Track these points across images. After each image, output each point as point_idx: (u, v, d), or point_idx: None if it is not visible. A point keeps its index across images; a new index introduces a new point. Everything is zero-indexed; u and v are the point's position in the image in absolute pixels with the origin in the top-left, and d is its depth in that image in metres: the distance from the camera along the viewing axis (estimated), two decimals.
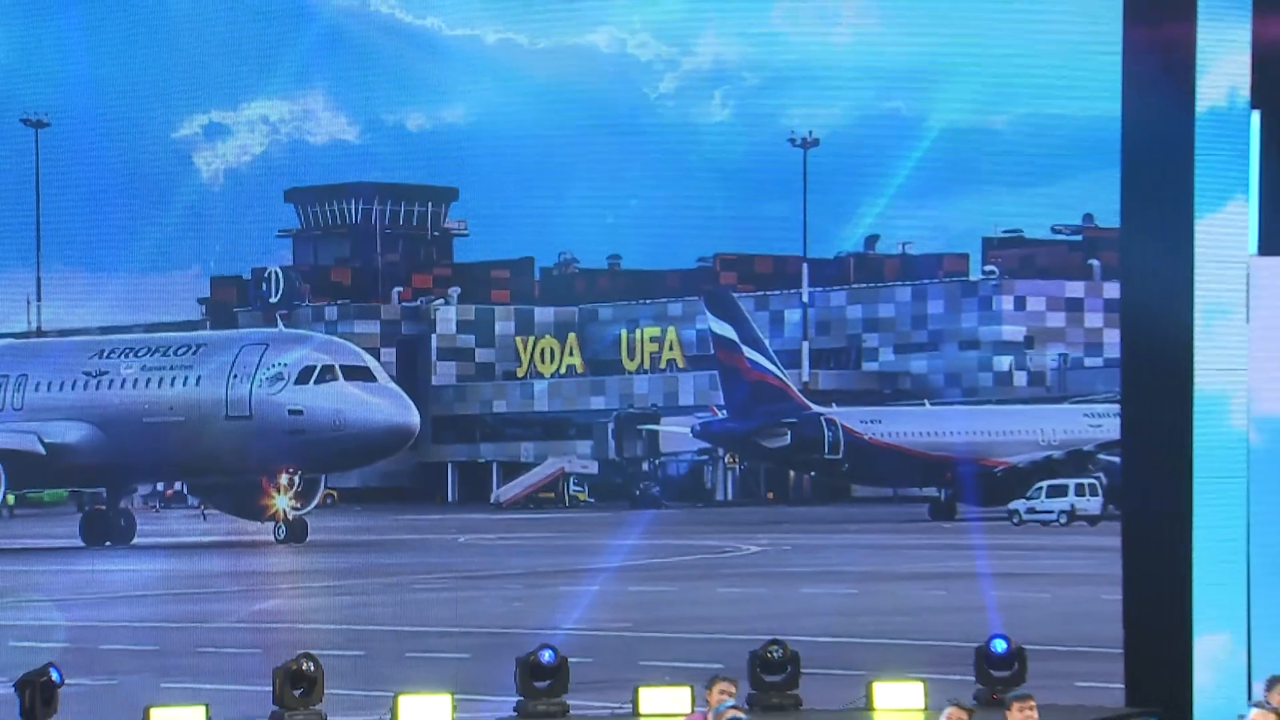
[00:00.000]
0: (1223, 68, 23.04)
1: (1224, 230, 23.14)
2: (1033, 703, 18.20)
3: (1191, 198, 23.19)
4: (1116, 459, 24.59)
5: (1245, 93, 22.94)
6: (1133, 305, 24.94)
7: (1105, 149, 24.41)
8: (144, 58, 30.03)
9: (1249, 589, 22.66)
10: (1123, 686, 23.86)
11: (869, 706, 23.82)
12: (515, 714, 23.69)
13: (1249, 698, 19.34)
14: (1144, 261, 24.38)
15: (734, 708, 17.98)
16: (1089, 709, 23.49)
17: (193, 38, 30.31)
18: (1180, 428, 23.30)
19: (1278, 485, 22.73)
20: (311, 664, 23.18)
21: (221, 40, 30.21)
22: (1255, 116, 22.86)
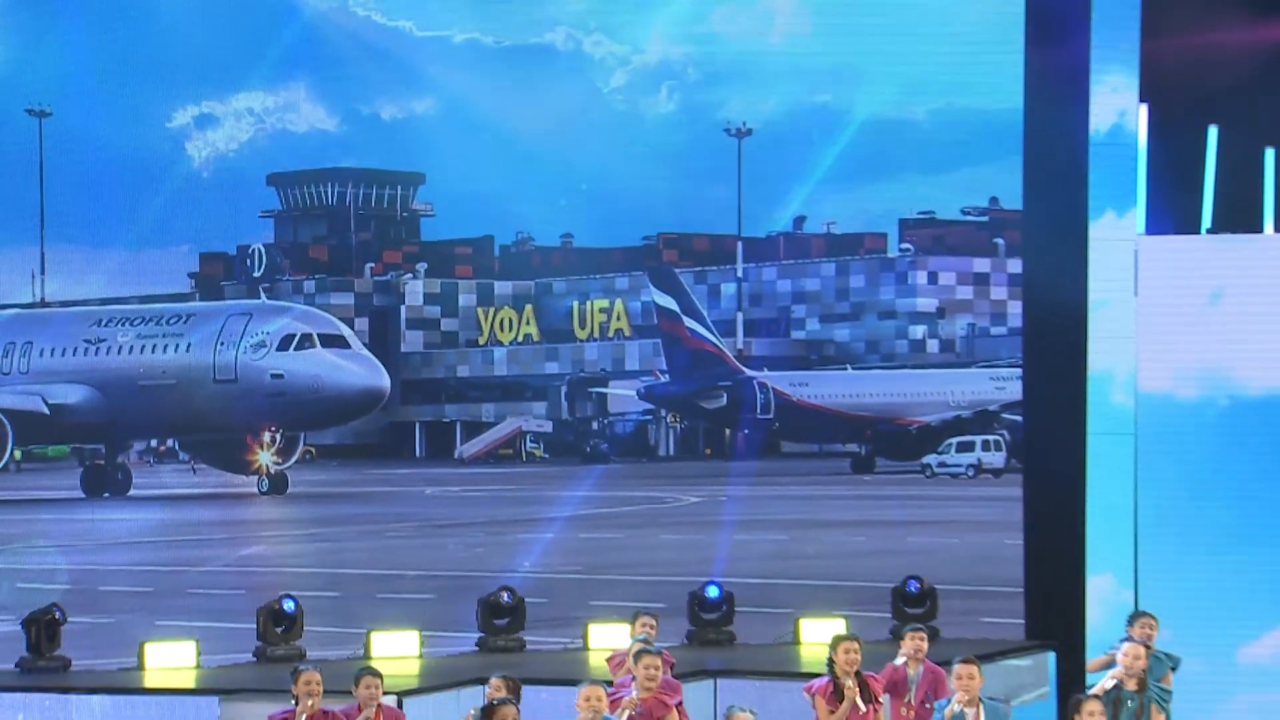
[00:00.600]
0: (1114, 67, 23.17)
1: (1113, 212, 23.29)
2: (924, 634, 18.23)
3: (1086, 183, 23.33)
4: (1018, 418, 24.67)
5: (1135, 88, 23.08)
6: (1033, 280, 25.09)
7: (1009, 138, 24.56)
8: (140, 54, 30.02)
9: (1135, 536, 22.82)
10: (1023, 622, 23.98)
11: (796, 641, 23.91)
12: (477, 649, 23.73)
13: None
14: (1043, 241, 24.51)
15: (645, 640, 18.02)
16: (993, 642, 23.56)
17: (185, 36, 30.27)
18: (1075, 391, 23.45)
19: (1160, 444, 22.88)
20: (292, 604, 23.23)
21: (212, 38, 30.20)
22: (1143, 110, 22.98)
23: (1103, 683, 17.27)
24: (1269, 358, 22.42)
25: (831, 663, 17.33)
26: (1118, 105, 23.17)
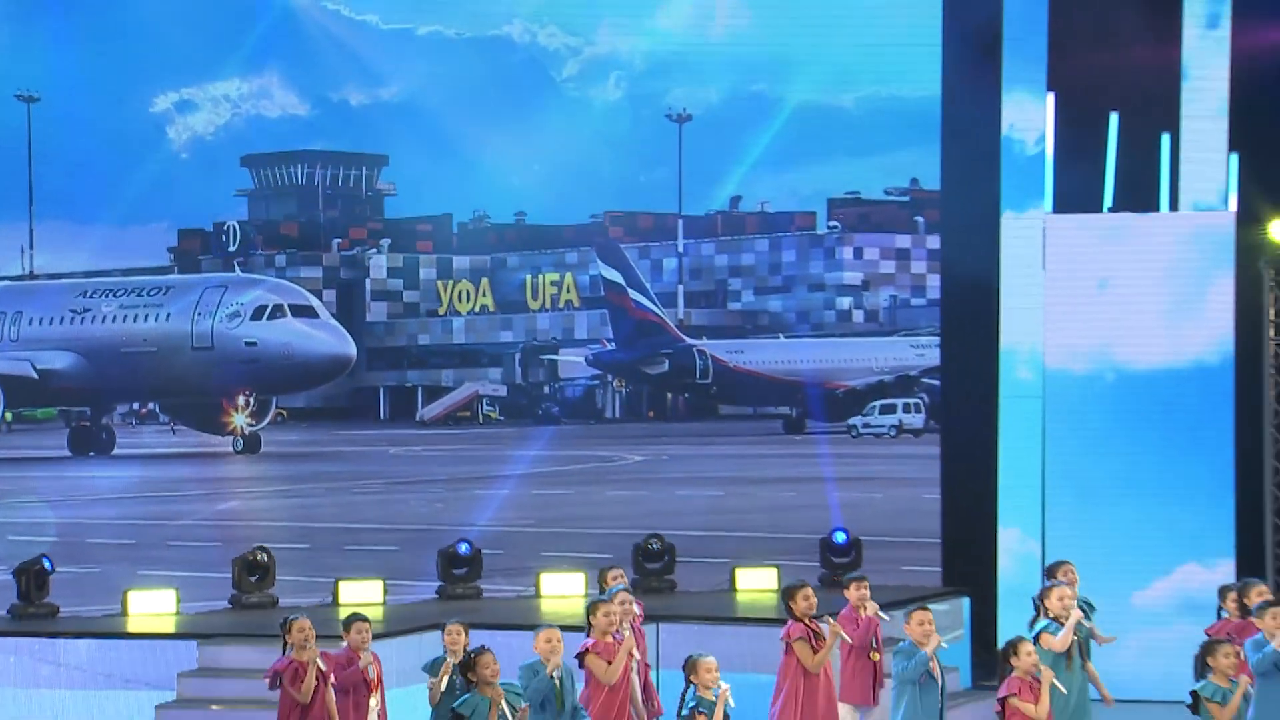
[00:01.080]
0: (1024, 60, 23.24)
1: (1024, 192, 23.36)
2: (866, 583, 18.36)
3: (998, 168, 23.39)
4: (937, 383, 24.67)
5: (1043, 80, 23.15)
6: (950, 257, 25.15)
7: (928, 125, 24.59)
8: (124, 44, 29.88)
9: (1041, 492, 22.94)
10: (940, 570, 24.10)
11: (732, 589, 23.98)
12: (437, 596, 23.76)
13: (1042, 579, 19.63)
14: (959, 221, 24.59)
15: (625, 589, 18.08)
16: (912, 588, 23.65)
17: (167, 27, 30.13)
18: (987, 359, 23.54)
19: (1066, 407, 23.00)
20: (265, 555, 23.21)
21: (192, 28, 30.08)
22: (1050, 98, 23.06)
23: (1063, 634, 17.32)
24: (1151, 336, 22.61)
25: (790, 610, 17.42)
26: (1027, 95, 23.26)
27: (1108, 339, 22.76)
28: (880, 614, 17.82)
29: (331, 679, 16.47)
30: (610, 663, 16.32)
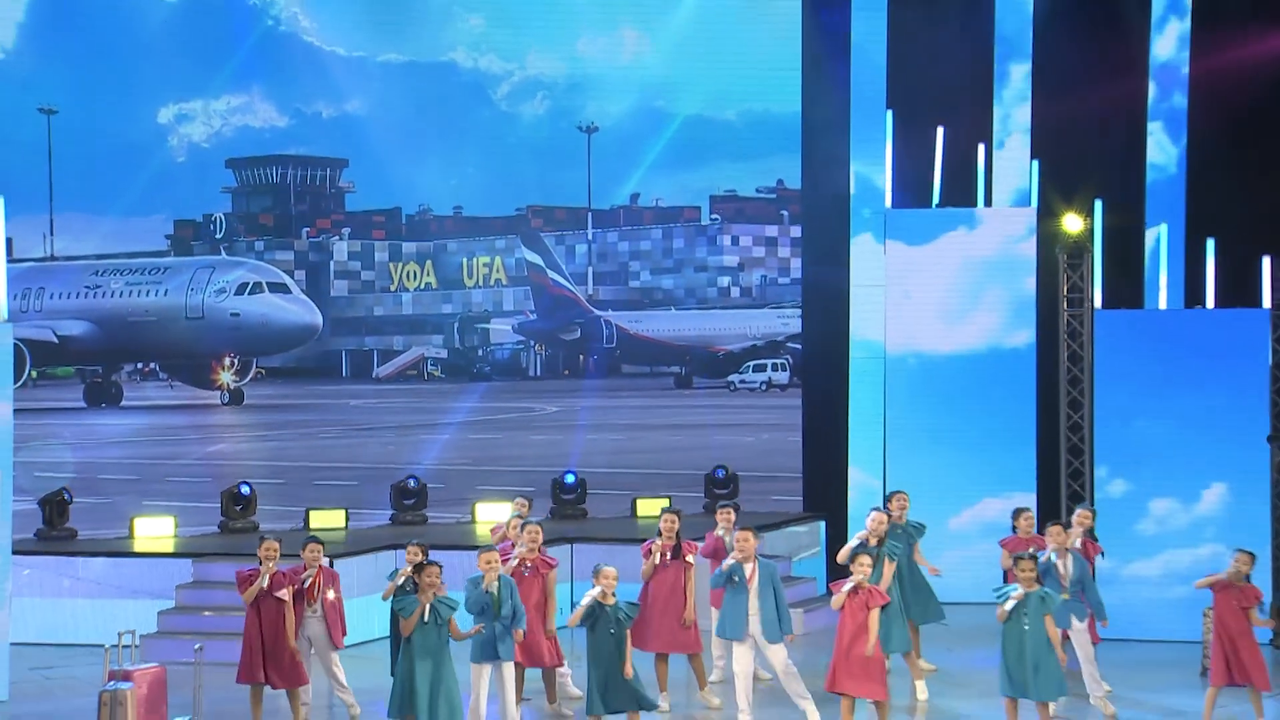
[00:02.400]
0: (867, 82, 23.35)
1: (868, 191, 23.50)
2: (730, 508, 18.37)
3: (848, 170, 23.52)
4: (799, 347, 24.93)
5: (883, 98, 23.26)
6: (810, 242, 25.32)
7: (792, 135, 24.64)
8: (130, 65, 29.74)
9: (883, 437, 23.09)
10: (801, 499, 24.27)
11: (633, 515, 24.09)
12: (390, 522, 23.79)
13: (884, 507, 19.76)
14: (816, 213, 24.71)
15: (520, 515, 18.16)
16: (779, 514, 23.78)
17: (168, 52, 30.01)
18: (840, 325, 23.71)
19: (902, 370, 23.15)
20: (247, 488, 23.18)
21: (190, 53, 29.97)
22: (890, 114, 23.18)
23: (851, 542, 17.54)
24: (969, 309, 22.78)
25: (660, 531, 17.52)
26: (869, 112, 23.38)
27: (936, 310, 22.92)
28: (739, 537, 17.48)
29: (285, 591, 16.45)
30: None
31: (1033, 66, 22.65)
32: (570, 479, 24.45)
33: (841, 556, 16.82)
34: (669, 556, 17.26)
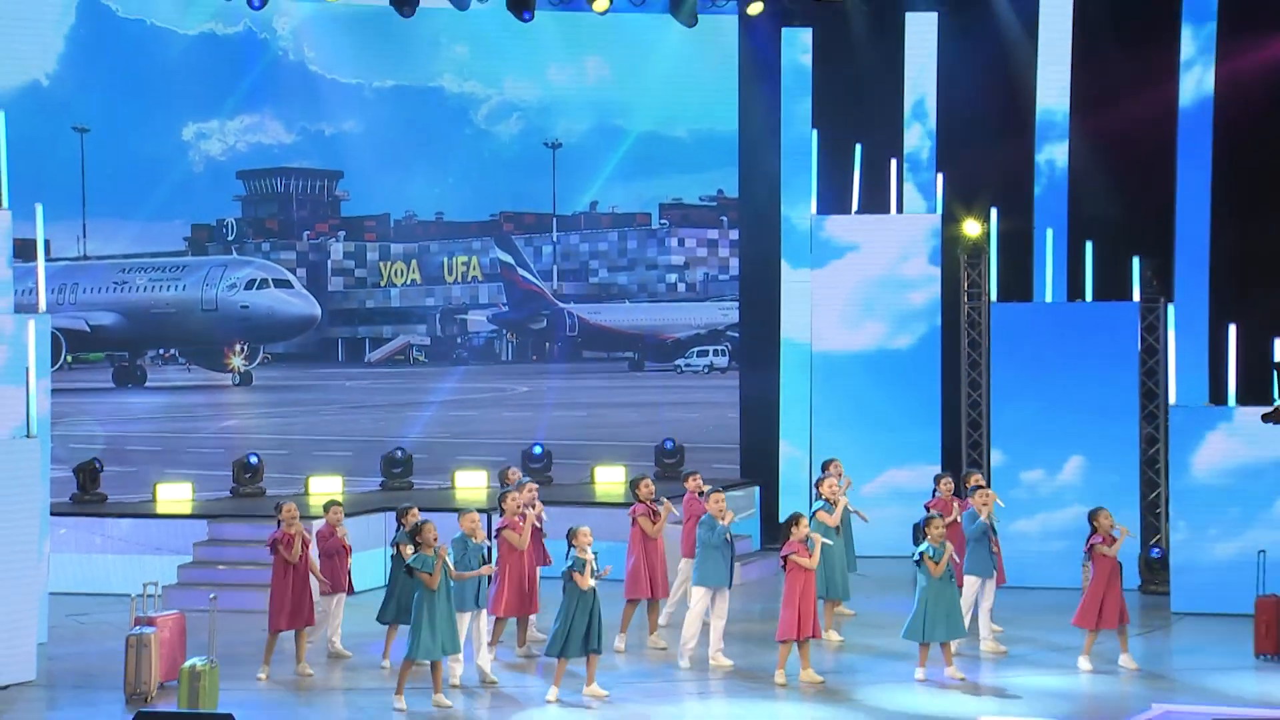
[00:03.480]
0: (795, 107, 23.38)
1: (797, 198, 23.56)
2: (699, 475, 18.52)
3: (779, 181, 23.59)
4: (737, 335, 24.90)
5: (809, 118, 23.31)
6: (746, 243, 25.40)
7: (731, 150, 24.72)
8: (157, 89, 29.62)
9: (810, 414, 23.15)
10: (739, 467, 24.33)
11: (592, 481, 24.18)
12: (380, 488, 23.82)
13: (811, 475, 19.81)
14: (751, 218, 24.80)
15: (529, 480, 18.25)
16: (720, 480, 23.80)
17: (188, 77, 29.91)
18: (772, 315, 23.80)
19: (826, 355, 23.21)
20: (255, 458, 23.18)
21: (206, 79, 29.89)
22: (815, 134, 23.24)
23: (817, 503, 17.61)
24: (885, 301, 22.84)
25: (636, 495, 17.61)
26: (798, 131, 23.44)
27: (854, 303, 23.01)
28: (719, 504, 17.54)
29: (314, 546, 16.51)
30: (519, 534, 16.49)
31: (937, 91, 22.74)
32: (538, 450, 24.56)
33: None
34: (648, 515, 17.37)
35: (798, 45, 23.09)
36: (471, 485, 23.57)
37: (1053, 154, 21.74)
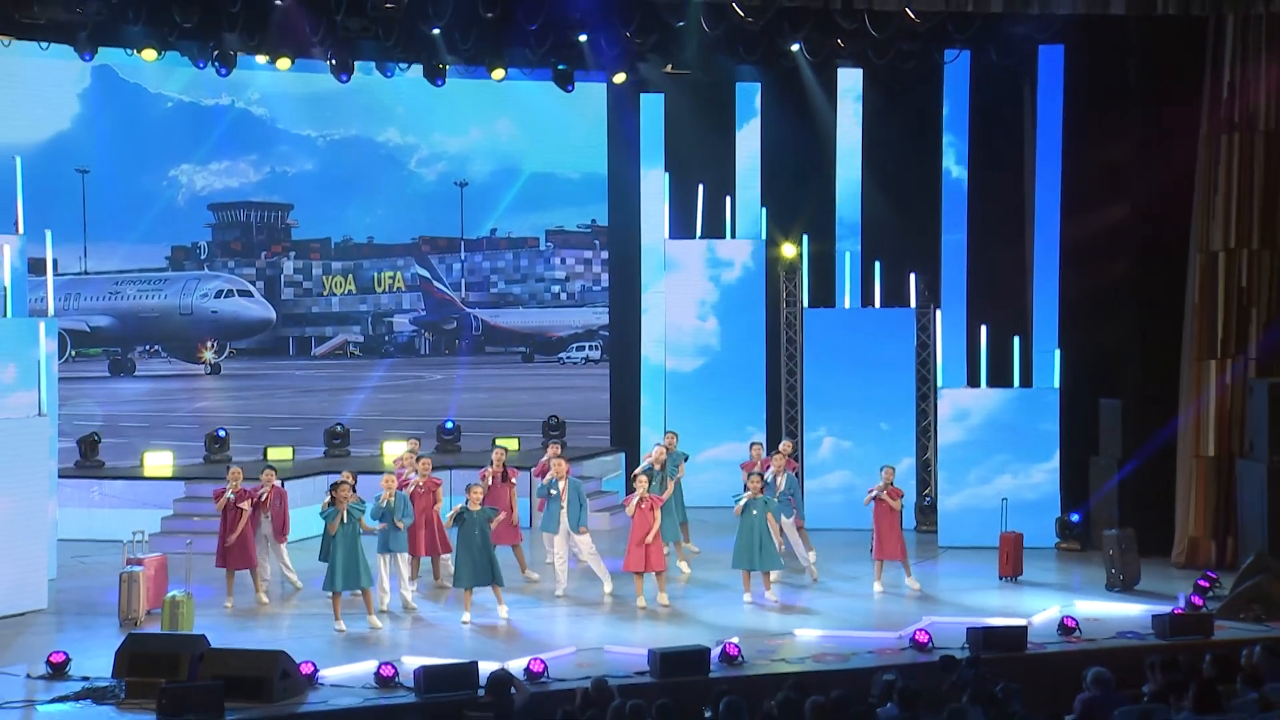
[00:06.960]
0: (651, 156, 23.41)
1: (653, 225, 23.60)
2: (558, 444, 18.49)
3: (639, 211, 23.63)
4: (607, 333, 25.00)
5: (661, 161, 23.32)
6: (614, 261, 25.39)
7: (603, 187, 24.72)
8: (145, 137, 29.19)
9: (664, 393, 23.15)
10: (608, 438, 24.37)
11: (492, 449, 23.98)
12: (323, 456, 23.54)
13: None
14: (618, 242, 24.79)
15: (412, 451, 18.10)
16: (594, 448, 23.85)
17: (170, 128, 29.53)
18: (634, 317, 23.78)
19: (677, 349, 23.29)
20: (224, 432, 22.82)
21: (186, 130, 29.54)
22: (666, 175, 23.29)
23: (642, 465, 17.70)
24: (719, 312, 22.97)
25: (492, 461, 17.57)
26: (655, 176, 23.49)
27: (696, 308, 23.13)
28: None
29: (246, 502, 16.33)
30: (422, 490, 16.43)
31: (761, 143, 22.95)
32: (449, 425, 24.39)
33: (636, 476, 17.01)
34: (499, 479, 17.36)
35: (654, 107, 23.19)
36: (396, 454, 23.34)
37: (849, 192, 22.07)
